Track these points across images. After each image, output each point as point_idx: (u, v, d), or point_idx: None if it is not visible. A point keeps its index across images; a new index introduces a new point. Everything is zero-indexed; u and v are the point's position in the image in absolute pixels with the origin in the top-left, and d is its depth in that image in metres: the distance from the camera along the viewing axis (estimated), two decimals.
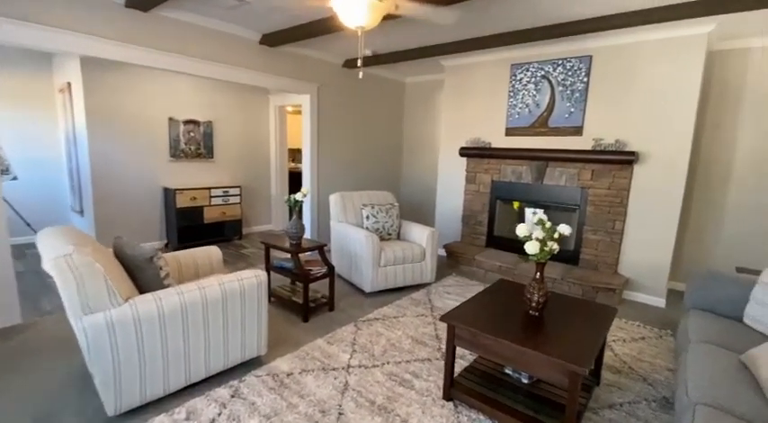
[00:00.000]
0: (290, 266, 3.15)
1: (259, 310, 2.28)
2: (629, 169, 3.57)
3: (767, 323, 1.96)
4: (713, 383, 1.49)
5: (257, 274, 2.25)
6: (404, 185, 6.16)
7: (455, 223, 4.81)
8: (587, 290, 3.59)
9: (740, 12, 2.75)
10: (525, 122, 4.13)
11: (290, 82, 4.31)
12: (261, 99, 5.76)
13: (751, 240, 3.55)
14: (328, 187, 4.99)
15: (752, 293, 2.11)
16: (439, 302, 3.40)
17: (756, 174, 3.49)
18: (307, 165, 4.75)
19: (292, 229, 3.14)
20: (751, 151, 3.50)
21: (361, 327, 2.90)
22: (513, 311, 2.12)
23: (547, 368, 1.73)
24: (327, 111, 4.82)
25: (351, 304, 3.33)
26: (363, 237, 3.38)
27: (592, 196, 3.79)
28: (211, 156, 5.27)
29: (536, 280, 2.07)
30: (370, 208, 3.85)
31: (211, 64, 3.60)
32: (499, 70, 4.26)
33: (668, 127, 3.36)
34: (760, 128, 3.44)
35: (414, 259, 3.64)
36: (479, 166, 4.50)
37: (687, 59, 3.23)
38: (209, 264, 2.77)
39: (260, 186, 5.94)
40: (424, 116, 5.77)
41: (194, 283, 2.08)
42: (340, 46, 4.24)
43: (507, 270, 4.01)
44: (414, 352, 2.57)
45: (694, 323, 2.11)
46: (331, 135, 4.93)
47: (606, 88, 3.64)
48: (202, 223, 4.96)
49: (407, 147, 6.04)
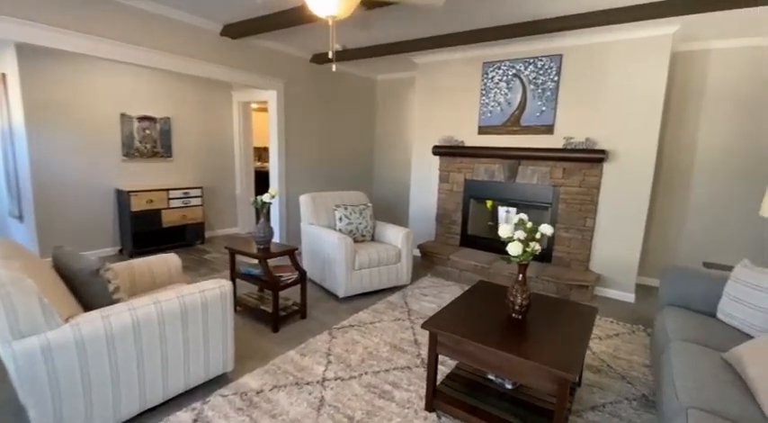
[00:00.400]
0: (259, 273, 2.94)
1: (224, 323, 2.08)
2: (598, 167, 3.62)
3: (741, 318, 1.99)
4: (701, 385, 1.46)
5: (221, 285, 2.05)
6: (376, 185, 6.04)
7: (429, 223, 4.74)
8: (561, 287, 3.61)
9: (703, 13, 2.82)
10: (498, 121, 4.11)
11: (254, 77, 4.07)
12: (223, 95, 5.45)
13: (712, 235, 3.69)
14: (298, 188, 4.78)
15: (725, 289, 2.14)
16: (416, 305, 3.30)
17: (715, 172, 3.63)
18: (274, 164, 4.52)
19: (259, 232, 2.94)
20: (710, 150, 3.63)
21: (336, 335, 2.75)
22: (495, 315, 2.05)
23: (534, 375, 1.66)
24: (295, 108, 4.62)
25: (324, 311, 3.16)
26: (336, 239, 3.22)
27: (563, 194, 3.82)
28: (170, 155, 4.93)
29: (519, 282, 2.00)
30: (342, 209, 3.69)
31: (167, 55, 3.32)
32: (471, 68, 4.22)
33: (636, 126, 3.43)
34: (718, 128, 3.58)
35: (389, 261, 3.52)
36: (452, 164, 4.44)
37: (653, 60, 3.30)
38: (168, 273, 2.52)
39: (224, 187, 5.63)
40: (396, 114, 5.66)
41: (149, 296, 1.85)
42: (308, 40, 4.06)
43: (482, 269, 3.97)
44: (392, 360, 2.45)
45: (671, 320, 2.11)
46: (300, 133, 4.72)
47: (576, 87, 3.67)
48: (160, 227, 4.62)
49: (379, 146, 5.92)
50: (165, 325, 1.84)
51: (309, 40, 4.09)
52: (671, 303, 2.36)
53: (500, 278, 3.88)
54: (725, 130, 3.55)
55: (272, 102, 4.39)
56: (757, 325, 1.90)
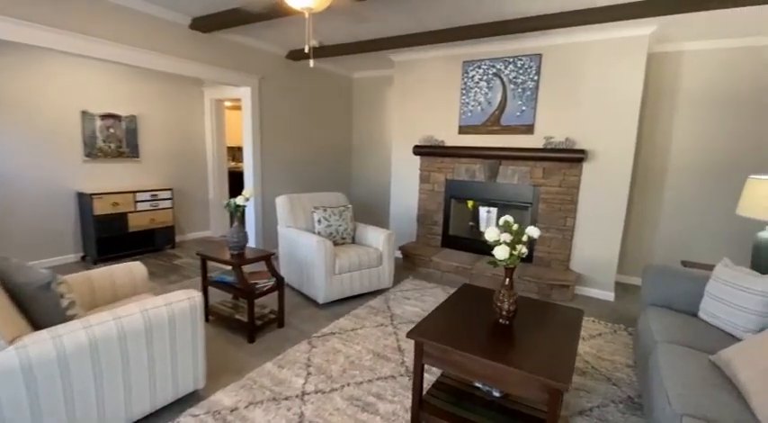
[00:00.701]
0: (232, 280, 2.78)
1: (194, 338, 1.93)
2: (578, 167, 3.63)
3: (723, 318, 2.00)
4: (694, 391, 1.43)
5: (190, 296, 1.90)
6: (355, 186, 5.92)
7: (410, 224, 4.67)
8: (542, 287, 3.60)
9: (677, 14, 2.84)
10: (478, 120, 4.07)
11: (226, 73, 3.88)
12: (194, 92, 5.20)
13: (687, 234, 3.77)
14: (274, 189, 4.61)
15: (706, 288, 2.15)
16: (398, 309, 3.21)
17: (688, 172, 3.70)
18: (249, 165, 4.33)
19: (233, 237, 2.78)
20: (684, 151, 3.70)
21: (316, 344, 2.62)
22: (482, 321, 1.98)
23: (525, 385, 1.59)
24: (271, 106, 4.44)
25: (303, 318, 3.03)
26: (315, 243, 3.09)
27: (544, 194, 3.82)
28: (136, 155, 4.65)
29: (506, 287, 1.93)
30: (321, 211, 3.56)
31: (132, 49, 3.10)
32: (451, 67, 4.17)
33: (614, 126, 3.45)
34: (692, 129, 3.65)
35: (370, 264, 3.42)
36: (433, 164, 4.38)
37: (630, 60, 3.32)
38: (132, 283, 2.34)
39: (195, 188, 5.38)
40: (374, 113, 5.56)
41: (109, 311, 1.69)
42: (283, 35, 3.90)
43: (464, 270, 3.93)
44: (376, 369, 2.35)
45: (655, 321, 2.10)
46: (276, 132, 4.55)
47: (556, 87, 3.67)
48: (127, 232, 4.35)
49: (357, 145, 5.81)
50: (126, 343, 1.68)
51: (285, 36, 3.94)
52: (653, 303, 2.36)
53: (482, 279, 3.84)
54: (698, 131, 3.63)
55: (245, 99, 4.20)
56: (740, 324, 1.91)
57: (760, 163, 3.42)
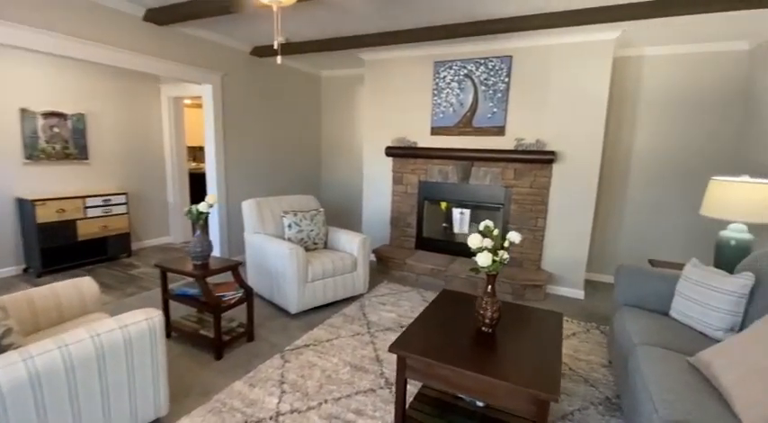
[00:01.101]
0: (196, 293, 2.59)
1: (154, 362, 1.74)
2: (548, 168, 3.68)
3: (694, 317, 2.05)
4: (678, 397, 1.43)
5: (149, 316, 1.72)
6: (325, 188, 5.76)
7: (383, 226, 4.59)
8: (516, 287, 3.62)
9: (641, 19, 2.92)
10: (450, 122, 4.04)
11: (186, 69, 3.63)
12: (150, 88, 4.86)
13: (651, 233, 3.91)
14: (238, 193, 4.38)
15: (677, 288, 2.20)
16: (374, 316, 3.11)
17: (650, 172, 3.85)
18: (212, 167, 4.09)
19: (195, 247, 2.58)
20: (645, 152, 3.85)
21: (290, 358, 2.48)
22: (465, 331, 1.92)
23: (513, 397, 1.55)
24: (235, 104, 4.21)
25: (274, 330, 2.87)
26: (287, 250, 2.94)
27: (515, 195, 3.84)
28: (85, 156, 4.28)
29: (488, 294, 1.89)
30: (292, 215, 3.40)
31: (78, 42, 2.82)
32: (422, 67, 4.11)
33: (582, 127, 3.52)
34: (652, 130, 3.79)
35: (344, 270, 3.30)
36: (406, 166, 4.32)
37: (597, 64, 3.39)
38: (81, 302, 2.10)
39: (153, 192, 5.04)
40: (344, 113, 5.43)
41: (53, 338, 1.48)
42: (247, 30, 3.70)
43: (439, 272, 3.89)
44: (354, 383, 2.24)
45: (631, 322, 2.13)
46: (240, 133, 4.33)
47: (526, 89, 3.69)
48: (76, 241, 3.99)
49: (327, 146, 5.65)
50: (75, 373, 1.48)
51: (249, 31, 3.73)
52: (626, 303, 2.40)
53: (457, 281, 3.82)
54: (659, 132, 3.77)
55: (207, 97, 3.96)
56: (712, 323, 1.96)
57: (718, 164, 3.60)
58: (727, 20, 2.91)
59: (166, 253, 4.75)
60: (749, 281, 1.89)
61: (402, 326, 2.95)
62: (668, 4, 2.68)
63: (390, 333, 2.84)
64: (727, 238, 2.52)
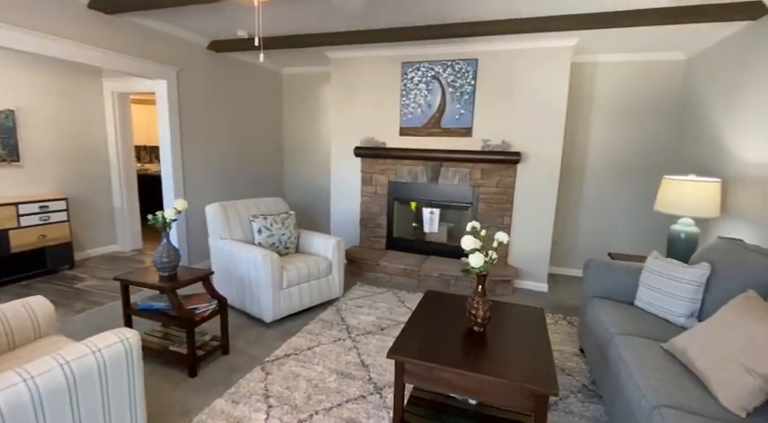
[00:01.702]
0: (164, 306, 2.39)
1: (131, 387, 1.58)
2: (514, 168, 3.83)
3: (658, 305, 2.23)
4: (662, 382, 1.55)
5: (124, 337, 1.55)
6: (289, 190, 5.58)
7: (352, 227, 4.53)
8: (488, 283, 3.74)
9: (593, 29, 3.10)
10: (419, 122, 4.08)
11: (137, 62, 3.34)
12: (90, 83, 4.41)
13: (603, 228, 4.21)
14: (197, 196, 4.12)
15: (641, 279, 2.38)
16: (353, 320, 3.07)
17: (603, 171, 4.14)
18: (168, 169, 3.81)
19: (162, 257, 2.38)
20: (598, 152, 4.13)
21: (271, 370, 2.37)
22: (457, 331, 1.94)
23: (513, 395, 1.59)
24: (191, 102, 3.95)
25: (249, 341, 2.73)
26: (260, 257, 2.80)
27: (483, 194, 3.97)
28: (15, 158, 3.80)
29: (479, 294, 1.92)
30: (261, 219, 3.25)
31: (8, 29, 2.48)
32: (390, 67, 4.11)
33: (544, 129, 3.70)
34: (604, 131, 4.08)
35: (320, 274, 3.21)
36: (375, 166, 4.30)
37: (557, 68, 3.58)
38: (33, 323, 1.86)
39: (97, 196, 4.59)
40: (308, 112, 5.29)
41: (15, 370, 1.29)
42: (204, 23, 3.48)
43: (412, 272, 3.92)
44: (343, 390, 2.19)
45: (604, 313, 2.28)
46: (198, 132, 4.07)
47: (491, 91, 3.81)
48: (8, 253, 3.53)
49: (290, 146, 5.48)
50: (43, 408, 1.30)
51: (206, 23, 3.51)
52: (596, 295, 2.56)
53: (430, 280, 3.87)
54: (611, 134, 4.06)
55: (161, 94, 3.67)
56: (674, 310, 2.14)
57: (663, 163, 3.94)
58: (666, 33, 3.19)
59: (115, 263, 4.35)
60: (706, 270, 2.09)
61: (382, 328, 2.94)
62: (616, 17, 2.89)
63: (372, 337, 2.81)
64: (678, 231, 2.77)
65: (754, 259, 1.98)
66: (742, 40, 2.85)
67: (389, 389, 2.21)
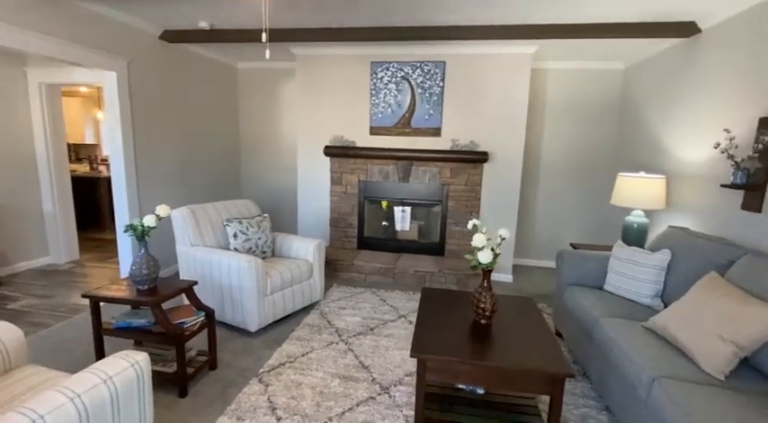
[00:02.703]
0: (144, 323, 2.18)
1: (143, 415, 1.44)
2: (480, 167, 4.03)
3: (625, 288, 2.51)
4: (653, 356, 1.76)
5: (135, 361, 1.40)
6: (246, 191, 5.31)
7: (322, 227, 4.45)
8: (461, 277, 3.89)
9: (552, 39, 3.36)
10: (389, 122, 4.12)
11: (79, 50, 2.96)
12: (11, 72, 3.82)
13: (557, 221, 4.59)
14: (153, 200, 3.77)
15: (609, 266, 2.66)
16: (340, 322, 3.03)
17: (555, 169, 4.51)
18: (120, 170, 3.43)
19: (140, 269, 2.16)
20: (551, 151, 4.49)
21: (269, 381, 2.27)
22: (466, 325, 2.02)
23: (531, 380, 1.70)
24: (143, 96, 3.60)
25: (237, 353, 2.58)
26: (245, 263, 2.65)
27: (452, 192, 4.12)
28: None
29: (485, 288, 2.02)
30: (237, 223, 3.08)
31: None
32: (360, 66, 4.09)
33: (508, 130, 3.94)
34: (556, 132, 4.44)
35: (302, 278, 3.13)
36: (345, 166, 4.26)
37: (519, 73, 3.83)
38: (2, 354, 1.59)
39: (22, 201, 4.00)
40: (267, 109, 5.07)
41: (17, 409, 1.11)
42: (157, 9, 3.18)
43: (387, 270, 3.96)
44: (350, 394, 2.17)
45: (583, 299, 2.51)
46: (150, 129, 3.72)
47: (459, 93, 3.97)
48: None
49: (247, 145, 5.21)
50: None
51: (160, 11, 3.21)
52: (571, 283, 2.80)
53: (406, 277, 3.94)
54: (561, 134, 4.43)
55: (110, 87, 3.30)
56: (641, 292, 2.43)
57: (607, 162, 4.38)
58: (608, 45, 3.56)
59: (51, 278, 3.83)
60: (667, 256, 2.39)
61: (371, 328, 2.94)
62: (569, 29, 3.16)
63: (363, 337, 2.80)
64: (632, 222, 3.12)
65: (704, 244, 2.31)
66: (675, 55, 3.28)
67: (395, 388, 2.24)
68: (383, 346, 2.70)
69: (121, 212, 3.48)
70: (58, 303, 3.25)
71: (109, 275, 3.94)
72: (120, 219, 3.50)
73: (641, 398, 1.69)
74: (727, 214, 2.53)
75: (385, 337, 2.81)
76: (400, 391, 2.21)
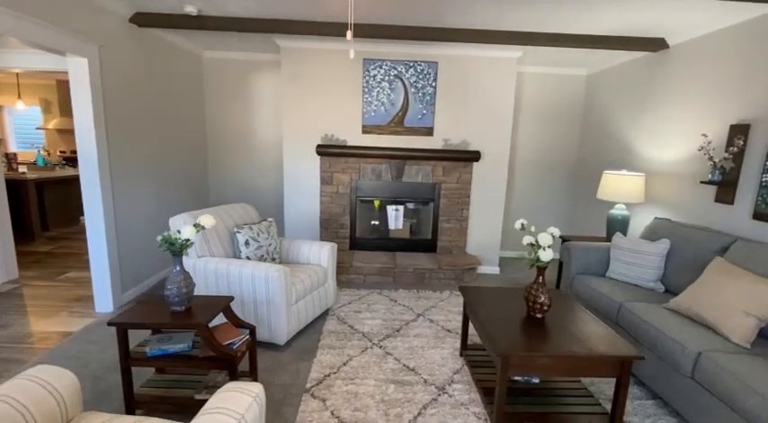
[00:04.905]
0: (183, 348, 1.94)
1: None
2: (471, 165, 4.19)
3: (629, 275, 2.83)
4: (690, 334, 2.02)
5: (255, 394, 1.26)
6: (215, 190, 4.88)
7: (311, 229, 4.28)
8: (458, 272, 4.03)
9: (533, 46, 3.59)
10: (382, 121, 4.08)
11: (45, 31, 2.48)
12: None
13: (530, 214, 4.94)
14: (127, 202, 3.32)
15: (612, 255, 2.97)
16: (363, 326, 2.97)
17: (527, 166, 4.85)
18: (91, 172, 2.96)
19: (180, 288, 1.91)
20: (524, 149, 4.82)
21: (324, 395, 2.16)
22: (525, 320, 2.13)
23: (603, 366, 1.86)
24: (115, 86, 3.13)
25: (270, 369, 2.41)
26: (274, 272, 2.47)
27: (444, 190, 4.23)
28: None
29: (540, 284, 2.14)
30: (247, 230, 2.84)
31: None
32: (351, 63, 3.98)
33: (496, 129, 4.15)
34: (529, 132, 4.78)
35: (319, 284, 3.00)
36: (337, 165, 4.13)
37: (506, 75, 4.04)
38: (58, 407, 1.31)
39: None
40: (239, 104, 4.70)
41: None
42: None
43: (387, 270, 3.95)
44: (411, 399, 2.16)
45: (598, 286, 2.77)
46: (123, 125, 3.25)
47: (450, 93, 4.07)
48: None
49: (214, 142, 4.78)
50: None
51: None
52: (578, 272, 3.07)
53: (406, 275, 3.97)
54: (534, 134, 4.77)
55: (80, 75, 2.81)
56: (645, 278, 2.75)
57: (573, 161, 4.82)
58: (574, 53, 3.91)
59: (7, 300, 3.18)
60: (667, 245, 2.74)
61: (397, 330, 2.93)
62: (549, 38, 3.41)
63: (393, 340, 2.78)
64: (615, 214, 3.50)
65: (694, 234, 2.69)
66: (642, 66, 3.72)
67: (450, 387, 2.27)
68: (417, 346, 2.71)
69: (94, 216, 3.01)
70: (21, 334, 2.72)
71: (67, 296, 3.38)
72: (92, 223, 3.02)
73: (685, 371, 1.94)
74: (703, 206, 2.96)
75: (414, 338, 2.83)
76: (457, 389, 2.25)
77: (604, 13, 2.90)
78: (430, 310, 3.30)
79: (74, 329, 2.81)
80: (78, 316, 3.03)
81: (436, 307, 3.38)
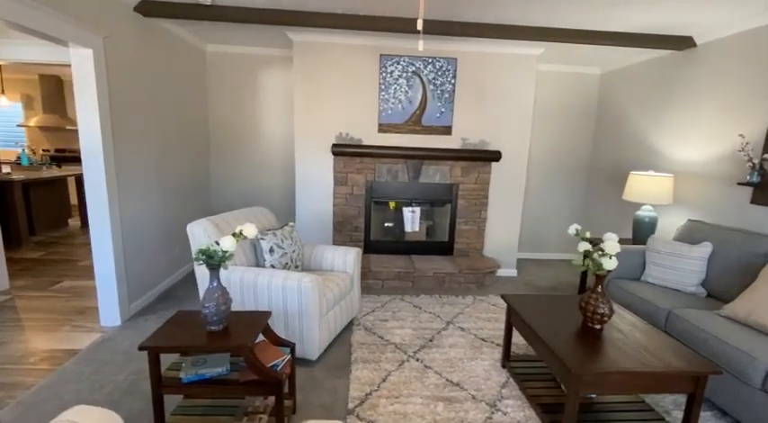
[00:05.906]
0: (221, 372, 1.74)
1: None
2: (489, 165, 4.07)
3: (668, 279, 2.76)
4: (753, 345, 1.94)
5: None
6: (216, 191, 4.63)
7: (325, 232, 4.09)
8: (479, 276, 3.91)
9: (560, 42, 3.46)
10: (399, 119, 3.92)
11: (47, 18, 2.23)
12: None
13: (543, 215, 4.86)
14: (134, 205, 3.07)
15: (648, 259, 2.89)
16: (393, 337, 2.81)
17: (541, 166, 4.76)
18: (98, 169, 2.71)
19: (219, 306, 1.72)
20: (538, 148, 4.73)
21: (370, 416, 2.00)
22: (583, 332, 2.01)
23: (676, 381, 1.75)
24: (121, 80, 2.88)
25: (305, 388, 2.23)
26: (307, 283, 2.29)
27: (462, 191, 4.10)
28: None
29: (600, 293, 2.02)
30: (271, 236, 2.65)
31: None
32: (368, 58, 3.81)
33: (515, 128, 4.04)
34: (543, 129, 4.69)
35: (345, 292, 2.82)
36: (351, 165, 3.95)
37: (527, 73, 3.93)
38: None
39: None
40: (245, 100, 4.45)
41: None
42: None
43: (407, 275, 3.81)
44: (464, 418, 2.01)
45: (641, 292, 2.69)
46: (130, 120, 3.00)
47: (470, 91, 3.94)
48: None
49: (216, 140, 4.53)
50: None
51: None
52: (612, 276, 2.98)
53: (425, 280, 3.83)
54: (549, 133, 4.69)
55: (83, 68, 2.55)
56: (686, 282, 2.68)
57: (583, 160, 4.76)
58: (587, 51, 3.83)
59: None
60: (709, 248, 2.67)
61: (430, 340, 2.79)
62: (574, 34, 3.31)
63: (429, 351, 2.64)
64: (642, 216, 3.44)
65: (733, 236, 2.63)
66: (664, 65, 3.66)
67: (501, 402, 2.14)
68: (455, 358, 2.57)
69: (100, 220, 2.76)
70: (21, 352, 2.46)
71: (66, 308, 3.11)
72: (97, 227, 2.76)
73: (755, 383, 1.86)
74: (739, 208, 2.91)
75: (450, 349, 2.68)
76: (510, 405, 2.12)
77: (636, 10, 2.81)
78: (458, 318, 3.17)
79: (80, 347, 2.56)
80: (82, 331, 2.78)
81: (463, 313, 3.25)
